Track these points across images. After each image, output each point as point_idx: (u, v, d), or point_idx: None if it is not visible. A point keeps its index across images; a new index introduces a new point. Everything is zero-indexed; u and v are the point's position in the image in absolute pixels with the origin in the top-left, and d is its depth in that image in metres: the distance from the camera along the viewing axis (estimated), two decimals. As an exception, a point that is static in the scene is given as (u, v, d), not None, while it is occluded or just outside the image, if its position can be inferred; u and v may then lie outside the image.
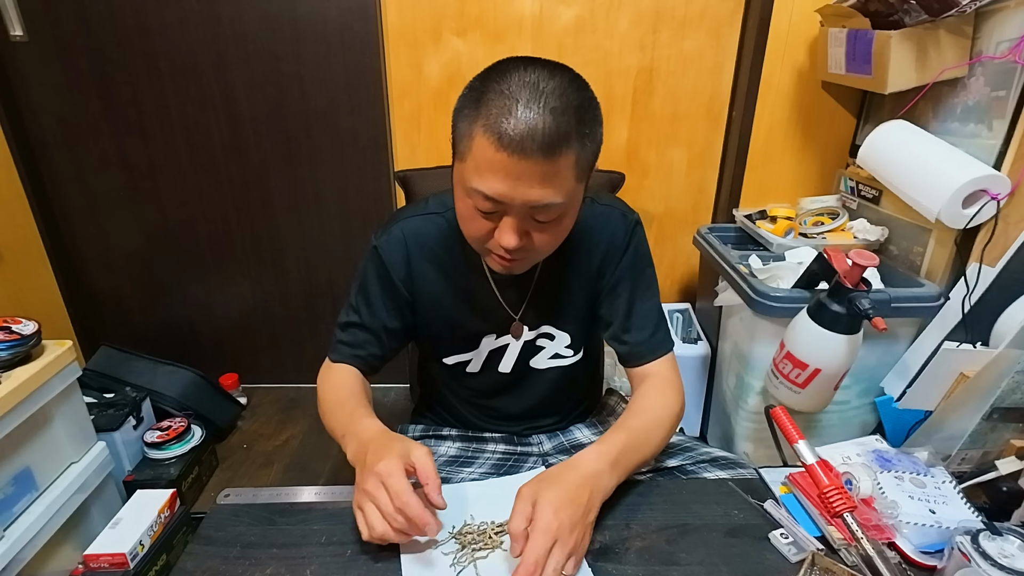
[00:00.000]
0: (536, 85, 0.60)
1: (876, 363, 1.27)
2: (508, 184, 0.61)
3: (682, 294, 1.92)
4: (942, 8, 1.13)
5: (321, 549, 0.63)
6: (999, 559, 0.53)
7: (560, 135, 0.59)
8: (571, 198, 0.66)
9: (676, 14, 1.58)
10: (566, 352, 0.90)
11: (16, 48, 1.62)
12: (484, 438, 0.96)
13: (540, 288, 0.84)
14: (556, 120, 0.59)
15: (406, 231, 0.82)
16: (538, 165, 0.60)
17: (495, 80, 0.61)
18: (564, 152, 0.60)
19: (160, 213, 1.82)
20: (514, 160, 0.59)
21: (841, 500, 0.61)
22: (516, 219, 0.65)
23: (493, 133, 0.59)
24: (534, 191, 0.62)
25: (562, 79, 0.62)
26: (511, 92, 0.59)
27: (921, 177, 1.21)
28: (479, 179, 0.62)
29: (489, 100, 0.60)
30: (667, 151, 1.72)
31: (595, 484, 0.63)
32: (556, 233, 0.70)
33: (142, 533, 0.88)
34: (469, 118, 0.62)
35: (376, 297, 0.83)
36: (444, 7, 1.57)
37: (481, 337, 0.87)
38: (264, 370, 2.05)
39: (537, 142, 0.58)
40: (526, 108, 0.59)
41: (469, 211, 0.67)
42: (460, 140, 0.64)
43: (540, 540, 0.56)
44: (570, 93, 0.61)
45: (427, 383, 1.03)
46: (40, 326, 1.14)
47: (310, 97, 1.69)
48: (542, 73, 0.61)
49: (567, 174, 0.63)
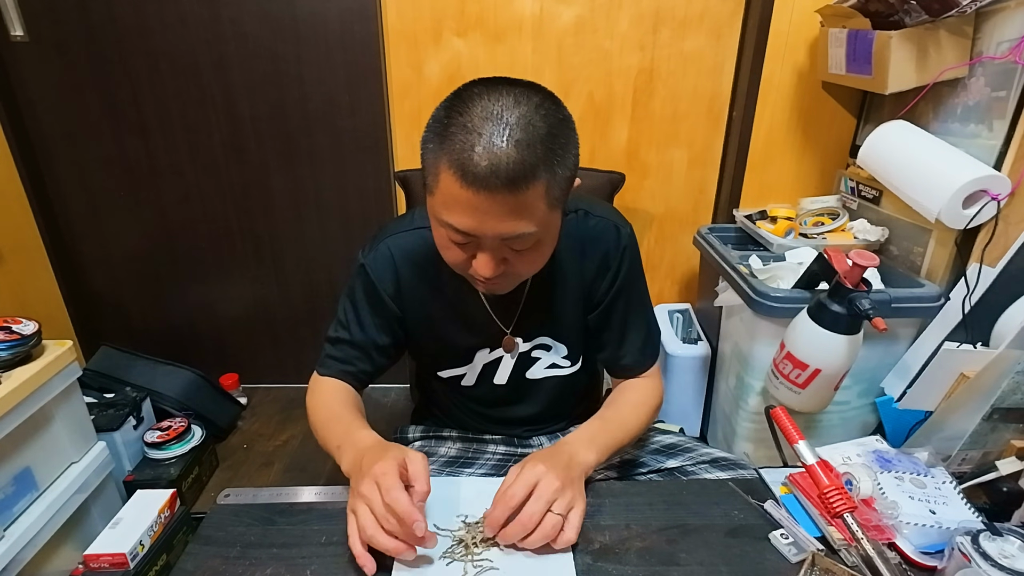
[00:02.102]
0: (500, 116, 0.57)
1: (876, 363, 1.27)
2: (476, 219, 0.60)
3: (682, 294, 1.92)
4: (942, 8, 1.13)
5: (321, 549, 0.63)
6: (999, 560, 0.53)
7: (526, 168, 0.57)
8: (545, 225, 0.64)
9: (676, 14, 1.58)
10: (564, 363, 0.89)
11: (17, 48, 1.62)
12: (484, 440, 0.96)
13: (532, 301, 0.83)
14: (521, 153, 0.56)
15: (393, 248, 0.81)
16: (505, 200, 0.58)
17: (457, 111, 0.59)
18: (532, 184, 0.58)
19: (160, 213, 1.82)
20: (481, 197, 0.58)
21: (841, 500, 0.62)
22: (490, 250, 0.64)
23: (457, 169, 0.57)
24: (504, 224, 0.60)
25: (527, 106, 0.58)
26: (473, 126, 0.57)
27: (921, 177, 1.21)
28: (447, 213, 0.61)
29: (452, 134, 0.58)
30: (667, 151, 1.72)
31: (573, 451, 0.69)
32: (535, 258, 0.69)
33: (142, 533, 0.89)
34: (434, 152, 0.60)
35: (365, 314, 0.82)
36: (444, 7, 1.57)
37: (474, 352, 0.86)
38: (264, 370, 2.05)
39: (501, 178, 0.56)
40: (488, 142, 0.56)
41: (444, 241, 0.67)
42: (428, 173, 0.63)
43: (531, 467, 0.63)
44: (536, 122, 0.58)
45: (425, 390, 1.02)
46: (40, 326, 1.14)
47: (310, 97, 1.69)
48: (507, 101, 0.58)
49: (537, 204, 0.61)
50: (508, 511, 0.60)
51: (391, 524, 0.57)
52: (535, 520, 0.59)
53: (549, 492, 0.61)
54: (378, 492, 0.58)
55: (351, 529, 0.59)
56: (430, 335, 0.85)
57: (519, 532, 0.59)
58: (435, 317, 0.83)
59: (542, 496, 0.60)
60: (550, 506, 0.61)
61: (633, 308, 0.85)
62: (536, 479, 0.62)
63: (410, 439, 0.96)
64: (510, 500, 0.60)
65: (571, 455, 0.68)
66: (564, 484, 0.62)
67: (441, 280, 0.81)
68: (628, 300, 0.84)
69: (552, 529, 0.60)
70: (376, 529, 0.57)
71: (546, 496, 0.61)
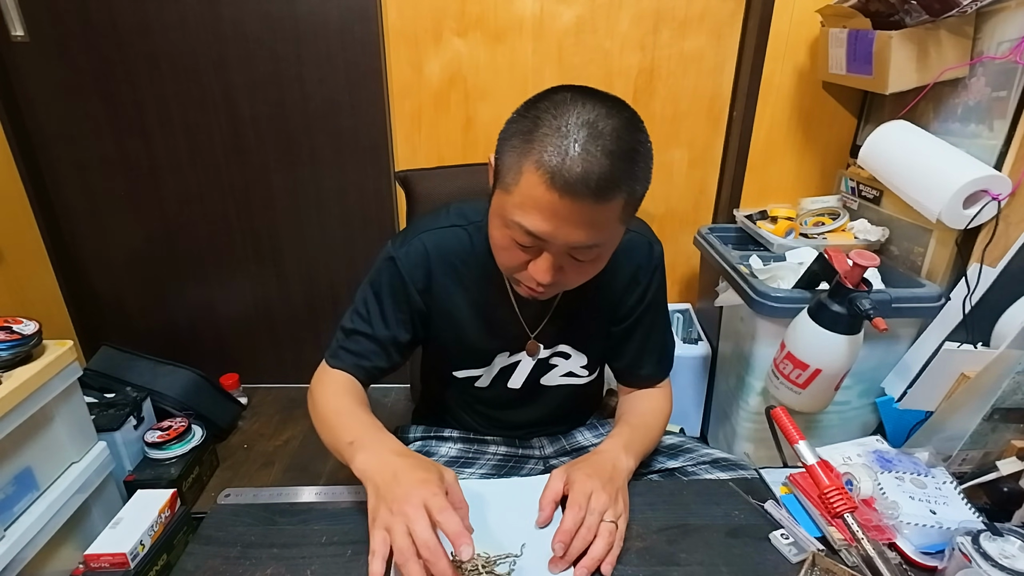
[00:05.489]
0: (595, 125, 0.57)
1: (877, 363, 1.27)
2: (553, 224, 0.59)
3: (682, 294, 1.92)
4: (943, 8, 1.13)
5: (321, 549, 0.63)
6: (1000, 560, 0.53)
7: (614, 180, 0.57)
8: (612, 240, 0.65)
9: (677, 14, 1.58)
10: (581, 372, 0.89)
11: (17, 48, 1.62)
12: (485, 440, 0.96)
13: (561, 308, 0.83)
14: (612, 164, 0.56)
15: (428, 243, 0.79)
16: (587, 209, 0.58)
17: (551, 113, 0.58)
18: (615, 197, 0.59)
19: (161, 213, 1.82)
20: (564, 202, 0.57)
21: (842, 501, 0.61)
22: (554, 256, 0.63)
23: (546, 172, 0.56)
24: (578, 233, 0.60)
25: (620, 119, 0.59)
26: (567, 131, 0.56)
27: (922, 177, 1.21)
28: (523, 214, 0.60)
29: (543, 135, 0.57)
30: (668, 151, 1.72)
31: (615, 460, 0.70)
32: (589, 270, 0.68)
33: (143, 533, 0.88)
34: (519, 151, 0.59)
35: (389, 308, 0.80)
36: (444, 7, 1.57)
37: (495, 354, 0.85)
38: (265, 370, 2.05)
39: (591, 187, 0.56)
40: (583, 150, 0.56)
41: (506, 241, 0.65)
42: (507, 171, 0.61)
43: (581, 487, 0.63)
44: (626, 136, 0.58)
45: (430, 388, 1.02)
46: (41, 326, 1.14)
47: (311, 97, 1.69)
48: (601, 111, 0.58)
49: (614, 217, 0.61)
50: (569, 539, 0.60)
51: (429, 552, 0.53)
52: (594, 532, 0.60)
53: (601, 506, 0.62)
54: (425, 516, 0.54)
55: (378, 543, 0.55)
56: (452, 334, 0.84)
57: (581, 546, 0.59)
58: (460, 316, 0.82)
59: (595, 510, 0.61)
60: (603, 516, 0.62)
61: (658, 324, 0.87)
62: (587, 496, 0.63)
63: (410, 439, 0.96)
64: (568, 533, 0.60)
65: (614, 464, 0.69)
66: (611, 497, 0.64)
67: (472, 280, 0.80)
68: (654, 316, 0.86)
69: (610, 535, 0.60)
70: (412, 555, 0.53)
71: (599, 510, 0.62)
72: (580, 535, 0.60)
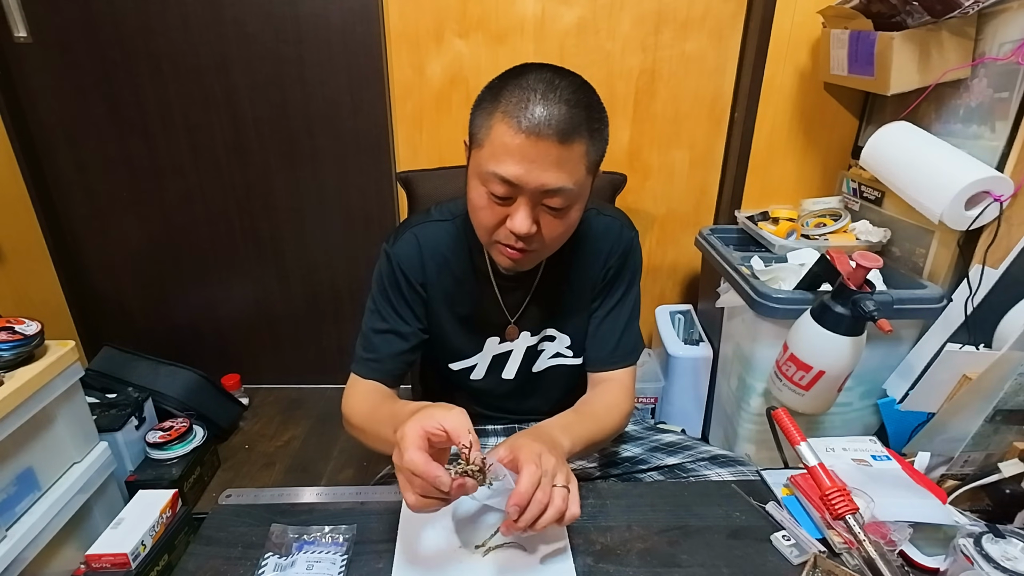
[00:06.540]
0: (551, 81, 0.66)
1: (878, 365, 1.27)
2: (524, 166, 0.65)
3: (684, 295, 1.92)
4: (944, 9, 1.13)
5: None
6: (1002, 562, 0.53)
7: (573, 124, 0.65)
8: (580, 187, 0.69)
9: (678, 15, 1.58)
10: (567, 352, 0.91)
11: (20, 49, 1.62)
12: (486, 431, 0.97)
13: (540, 292, 0.85)
14: (570, 110, 0.64)
15: (419, 235, 0.84)
16: (553, 148, 0.64)
17: (513, 77, 0.67)
18: (576, 140, 0.66)
19: (163, 214, 1.83)
20: (531, 142, 0.64)
21: (843, 502, 0.61)
22: (528, 204, 0.68)
23: (512, 118, 0.64)
24: (548, 174, 0.66)
25: (573, 80, 0.68)
26: (529, 85, 0.65)
27: (924, 179, 1.21)
28: (495, 163, 0.66)
29: (508, 91, 0.66)
30: (669, 152, 1.72)
31: (551, 434, 0.69)
32: (564, 225, 0.72)
33: (144, 533, 0.89)
34: (487, 109, 0.67)
35: (397, 300, 0.84)
36: (446, 9, 1.57)
37: (484, 340, 0.88)
38: (266, 371, 2.05)
39: (553, 127, 0.63)
40: (543, 97, 0.64)
41: (482, 199, 0.70)
42: (478, 130, 0.69)
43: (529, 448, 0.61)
44: (581, 93, 0.67)
45: (430, 386, 1.04)
46: (43, 326, 1.14)
47: (312, 98, 1.70)
48: (556, 72, 0.67)
49: (579, 162, 0.67)
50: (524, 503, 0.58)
51: (418, 484, 0.56)
52: (548, 495, 0.58)
53: (551, 467, 0.60)
54: (409, 445, 0.56)
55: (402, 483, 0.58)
56: (447, 321, 0.87)
57: (537, 510, 0.58)
58: (452, 303, 0.86)
59: (547, 472, 0.60)
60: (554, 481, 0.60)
61: (616, 305, 0.87)
62: (538, 455, 0.60)
63: None
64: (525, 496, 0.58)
65: (551, 436, 0.68)
66: (559, 460, 0.62)
67: (460, 268, 0.84)
68: (612, 294, 0.87)
69: (563, 501, 0.58)
70: (407, 491, 0.56)
71: (551, 472, 0.60)
72: (536, 499, 0.57)
